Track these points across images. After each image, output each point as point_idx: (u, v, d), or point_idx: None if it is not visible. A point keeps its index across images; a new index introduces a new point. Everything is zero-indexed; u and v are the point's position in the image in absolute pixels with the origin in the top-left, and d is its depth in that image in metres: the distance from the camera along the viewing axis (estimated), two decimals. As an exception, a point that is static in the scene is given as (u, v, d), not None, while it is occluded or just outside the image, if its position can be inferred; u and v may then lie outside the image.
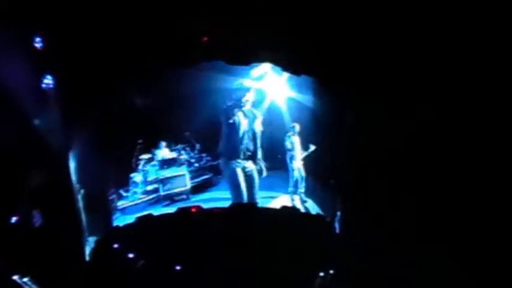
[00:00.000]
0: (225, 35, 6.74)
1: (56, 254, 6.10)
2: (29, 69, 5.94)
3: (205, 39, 6.74)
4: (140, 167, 10.77)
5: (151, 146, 11.20)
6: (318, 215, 8.49)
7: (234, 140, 7.74)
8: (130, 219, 7.65)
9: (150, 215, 7.32)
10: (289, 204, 9.37)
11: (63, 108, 6.49)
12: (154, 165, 10.81)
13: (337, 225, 7.38)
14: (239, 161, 7.84)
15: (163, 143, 11.28)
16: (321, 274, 6.18)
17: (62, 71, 6.42)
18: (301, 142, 9.65)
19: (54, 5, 6.06)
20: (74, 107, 6.72)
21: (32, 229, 6.15)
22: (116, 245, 6.50)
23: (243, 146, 7.80)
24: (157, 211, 8.82)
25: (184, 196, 10.47)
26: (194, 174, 11.32)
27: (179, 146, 11.74)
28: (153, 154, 11.06)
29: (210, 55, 6.93)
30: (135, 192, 10.32)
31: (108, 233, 7.22)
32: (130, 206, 9.89)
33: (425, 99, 5.79)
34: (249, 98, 7.85)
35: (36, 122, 6.15)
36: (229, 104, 7.71)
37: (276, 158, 10.74)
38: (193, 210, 7.19)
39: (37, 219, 6.20)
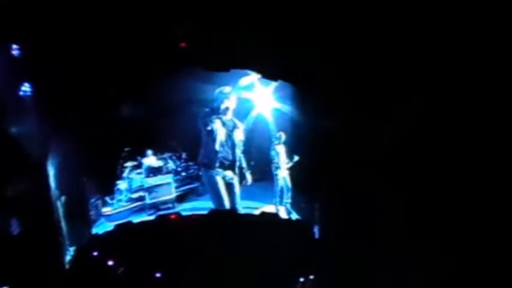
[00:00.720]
0: (203, 40, 6.74)
1: (34, 262, 6.08)
2: (6, 77, 5.94)
3: (183, 44, 6.73)
4: (125, 174, 10.69)
5: (137, 154, 11.11)
6: (297, 220, 8.47)
7: (210, 149, 7.65)
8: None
9: (129, 223, 7.29)
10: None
11: (42, 115, 6.46)
12: (140, 173, 10.76)
13: (316, 230, 7.36)
14: (218, 170, 7.75)
15: (150, 151, 11.18)
16: (301, 279, 6.18)
17: (40, 78, 6.39)
18: (286, 152, 9.63)
19: (32, 12, 6.06)
20: (53, 114, 6.68)
21: (9, 237, 6.12)
22: (95, 253, 6.46)
23: (220, 155, 7.71)
24: (141, 219, 8.78)
25: (170, 205, 10.42)
26: (180, 183, 11.29)
27: (166, 155, 11.63)
28: (139, 162, 10.97)
29: (188, 61, 6.90)
30: (120, 200, 10.28)
31: (87, 241, 7.16)
32: (115, 214, 9.85)
33: (405, 104, 5.82)
34: (229, 105, 7.74)
35: (14, 129, 6.13)
36: (206, 110, 7.62)
37: (263, 169, 10.74)
38: (172, 217, 7.17)
39: (15, 227, 6.17)
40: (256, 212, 8.99)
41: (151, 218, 7.47)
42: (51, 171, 6.85)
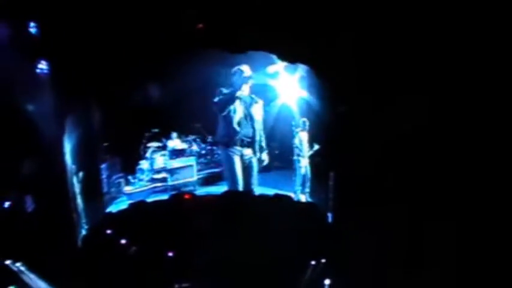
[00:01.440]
0: (220, 22, 6.68)
1: (48, 239, 6.14)
2: (23, 54, 5.98)
3: (201, 25, 6.68)
4: (148, 154, 10.74)
5: (162, 136, 11.12)
6: (311, 203, 8.36)
7: (229, 128, 7.48)
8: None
9: (143, 202, 7.32)
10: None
11: (59, 93, 6.49)
12: (164, 155, 10.77)
13: (330, 214, 7.28)
14: (237, 147, 7.57)
15: (175, 134, 11.18)
16: (313, 263, 6.13)
17: (58, 56, 6.43)
18: (308, 140, 9.53)
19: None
20: (70, 93, 6.71)
21: (24, 214, 6.20)
22: (108, 231, 6.52)
23: (240, 135, 7.52)
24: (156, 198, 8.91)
25: (191, 187, 10.40)
26: (203, 166, 11.29)
27: (190, 138, 11.59)
28: (164, 144, 10.98)
29: (206, 42, 6.85)
30: (141, 179, 10.38)
31: (100, 219, 7.22)
32: (136, 192, 9.90)
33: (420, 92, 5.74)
34: (247, 88, 7.57)
35: (30, 107, 6.19)
36: (221, 95, 7.42)
37: (287, 158, 10.64)
38: (186, 196, 7.17)
39: (29, 204, 6.24)
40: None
41: (165, 197, 7.42)
42: (68, 147, 6.90)
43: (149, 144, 10.91)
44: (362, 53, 6.27)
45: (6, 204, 5.94)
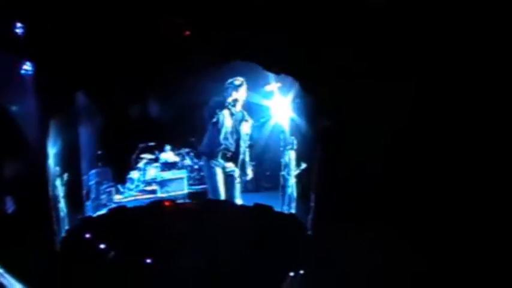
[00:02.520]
0: (206, 33, 6.73)
1: (27, 241, 6.10)
2: (7, 55, 6.01)
3: (188, 33, 6.72)
4: (141, 165, 10.81)
5: (156, 148, 11.15)
6: (290, 214, 8.29)
7: (214, 139, 7.54)
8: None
9: (123, 207, 7.30)
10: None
11: (43, 95, 6.50)
12: (156, 167, 10.78)
13: (309, 225, 7.23)
14: (219, 160, 7.61)
15: (169, 147, 11.19)
16: (291, 274, 6.07)
17: (43, 58, 6.45)
18: (295, 159, 9.48)
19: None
20: (54, 95, 6.72)
21: (4, 216, 6.18)
22: (87, 235, 6.48)
23: (222, 146, 7.57)
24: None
25: (181, 200, 10.29)
26: (195, 181, 11.18)
27: (183, 151, 11.53)
28: (157, 156, 11.01)
29: (191, 52, 6.89)
30: (130, 189, 10.42)
31: (79, 223, 7.18)
32: (125, 202, 9.84)
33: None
34: (237, 97, 7.59)
35: (14, 108, 6.20)
36: (214, 101, 7.54)
37: (277, 178, 10.57)
38: (166, 203, 7.15)
39: (10, 205, 6.22)
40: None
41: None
42: (53, 150, 6.88)
43: (142, 156, 10.95)
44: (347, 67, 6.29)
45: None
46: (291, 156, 9.20)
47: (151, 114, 10.70)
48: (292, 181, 9.16)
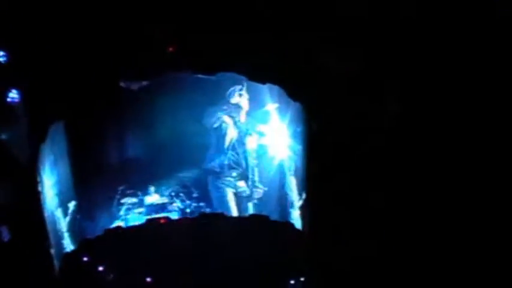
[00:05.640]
0: (190, 44, 6.70)
1: (24, 269, 6.06)
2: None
3: (171, 48, 6.70)
4: (122, 213, 8.89)
5: (138, 190, 9.20)
6: (287, 222, 8.15)
7: (219, 148, 7.41)
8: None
9: (119, 227, 7.27)
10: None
11: (30, 122, 6.44)
12: (140, 213, 8.88)
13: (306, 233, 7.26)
14: (229, 179, 7.44)
15: (153, 188, 9.22)
16: (292, 282, 6.14)
17: (28, 84, 6.39)
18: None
19: (17, 18, 6.08)
20: (41, 122, 6.65)
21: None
22: (85, 258, 6.47)
23: (229, 158, 7.46)
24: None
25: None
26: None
27: (172, 191, 9.31)
28: (140, 199, 9.14)
29: (176, 65, 6.85)
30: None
31: (77, 246, 7.12)
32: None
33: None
34: (240, 102, 7.57)
35: (2, 136, 6.15)
36: (213, 108, 7.46)
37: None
38: (161, 221, 7.14)
39: (5, 234, 6.17)
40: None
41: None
42: (52, 179, 6.87)
43: (123, 201, 9.08)
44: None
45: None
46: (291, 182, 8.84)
47: (129, 151, 9.43)
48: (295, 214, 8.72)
